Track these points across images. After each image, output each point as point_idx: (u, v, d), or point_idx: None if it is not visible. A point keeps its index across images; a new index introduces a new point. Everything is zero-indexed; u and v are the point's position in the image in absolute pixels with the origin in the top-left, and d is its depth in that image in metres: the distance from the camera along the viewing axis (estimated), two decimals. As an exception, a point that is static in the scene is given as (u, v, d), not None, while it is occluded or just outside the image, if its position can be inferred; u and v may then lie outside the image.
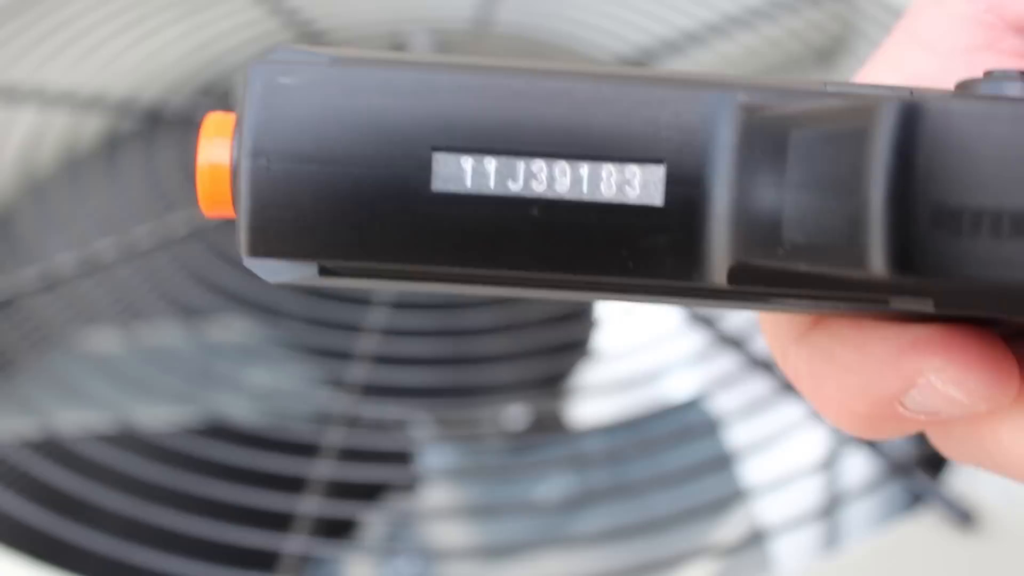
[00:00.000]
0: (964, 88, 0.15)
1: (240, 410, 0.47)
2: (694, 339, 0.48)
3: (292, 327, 0.50)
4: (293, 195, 0.15)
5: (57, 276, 0.50)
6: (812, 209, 0.13)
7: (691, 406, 0.48)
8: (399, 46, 0.63)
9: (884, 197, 0.12)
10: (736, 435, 0.46)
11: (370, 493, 0.47)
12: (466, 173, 0.14)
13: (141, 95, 0.61)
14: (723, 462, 0.45)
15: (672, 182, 0.14)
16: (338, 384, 0.46)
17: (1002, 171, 0.12)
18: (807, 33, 0.64)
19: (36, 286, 0.50)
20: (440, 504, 0.47)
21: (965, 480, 0.39)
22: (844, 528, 0.43)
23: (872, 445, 0.41)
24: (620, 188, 0.14)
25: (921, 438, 0.46)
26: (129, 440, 0.44)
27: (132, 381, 0.47)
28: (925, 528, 0.37)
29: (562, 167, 0.15)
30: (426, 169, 0.14)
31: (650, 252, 0.14)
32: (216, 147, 0.16)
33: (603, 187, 0.15)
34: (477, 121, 0.15)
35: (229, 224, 0.57)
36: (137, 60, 0.63)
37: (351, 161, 0.15)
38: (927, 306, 0.14)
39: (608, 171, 0.15)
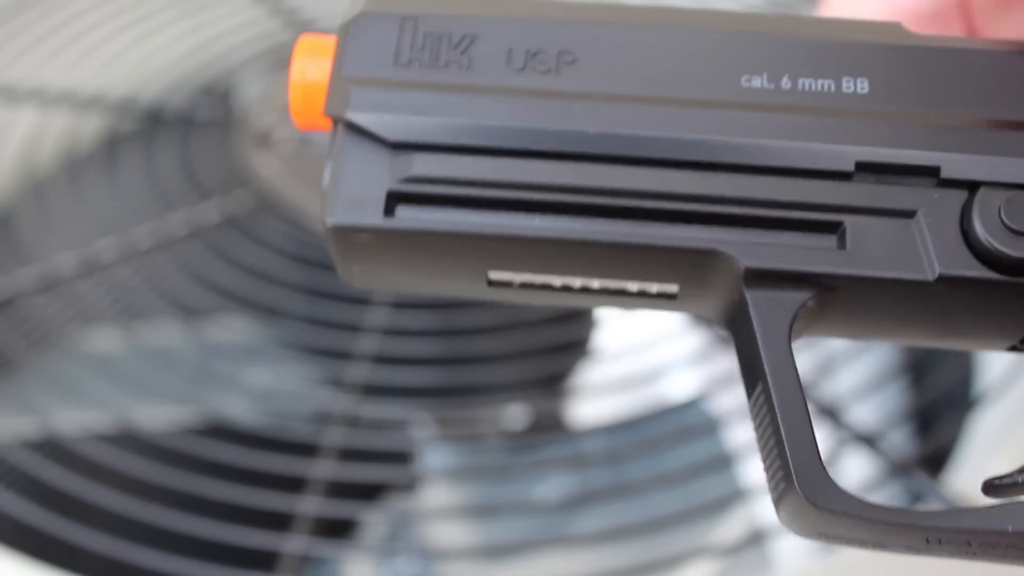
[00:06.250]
0: None
1: (240, 410, 0.47)
2: (694, 339, 0.48)
3: (292, 327, 0.50)
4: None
5: (57, 276, 0.50)
6: None
7: (691, 406, 0.48)
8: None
9: None
10: (736, 435, 0.46)
11: (370, 493, 0.47)
12: None
13: (141, 95, 0.61)
14: (723, 462, 0.45)
15: None
16: (338, 384, 0.46)
17: None
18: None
19: (36, 286, 0.50)
20: (440, 504, 0.47)
21: (965, 480, 0.39)
22: (844, 528, 0.42)
23: (872, 445, 0.41)
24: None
25: (922, 437, 0.46)
26: (129, 440, 0.44)
27: (132, 381, 0.47)
28: (925, 528, 0.37)
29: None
30: None
31: None
32: (310, 66, 0.19)
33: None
34: None
35: (229, 224, 0.57)
36: (137, 60, 0.63)
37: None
38: None
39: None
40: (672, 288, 0.18)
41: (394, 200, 0.18)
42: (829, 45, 0.18)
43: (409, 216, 0.18)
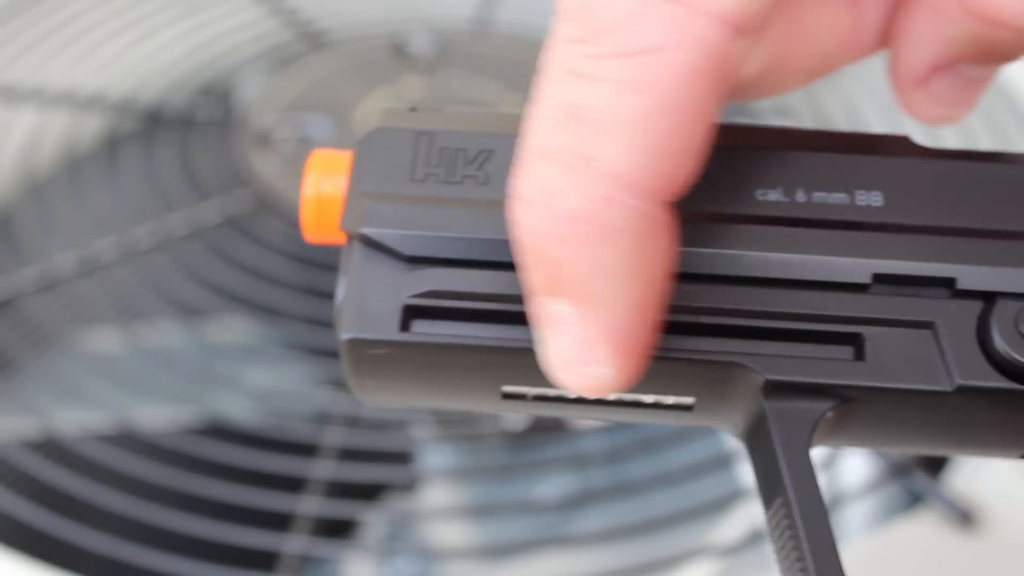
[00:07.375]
0: None
1: (240, 410, 0.47)
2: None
3: (292, 327, 0.50)
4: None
5: (57, 276, 0.50)
6: None
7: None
8: (399, 46, 0.63)
9: None
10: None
11: (370, 493, 0.47)
12: None
13: (141, 95, 0.61)
14: (723, 462, 0.45)
15: None
16: (338, 384, 0.46)
17: None
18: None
19: (36, 286, 0.50)
20: (440, 504, 0.47)
21: (965, 480, 0.39)
22: (844, 528, 0.43)
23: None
24: None
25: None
26: (129, 440, 0.44)
27: (132, 381, 0.47)
28: (925, 528, 0.37)
29: None
30: None
31: None
32: (324, 180, 0.19)
33: None
34: None
35: (229, 224, 0.57)
36: (137, 60, 0.63)
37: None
38: None
39: None
40: (688, 400, 0.18)
41: (410, 314, 0.18)
42: (841, 159, 0.18)
43: (425, 330, 0.18)
